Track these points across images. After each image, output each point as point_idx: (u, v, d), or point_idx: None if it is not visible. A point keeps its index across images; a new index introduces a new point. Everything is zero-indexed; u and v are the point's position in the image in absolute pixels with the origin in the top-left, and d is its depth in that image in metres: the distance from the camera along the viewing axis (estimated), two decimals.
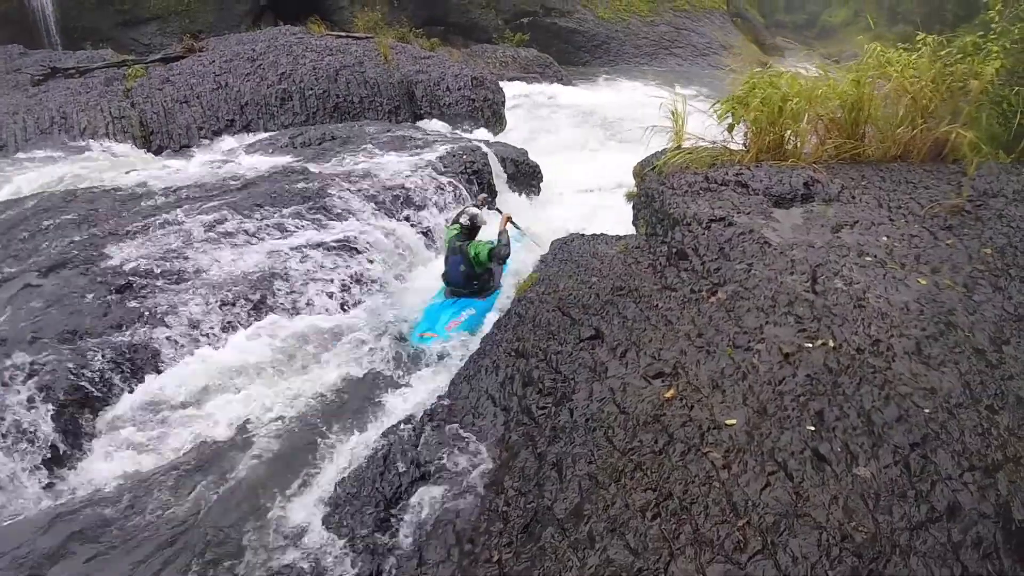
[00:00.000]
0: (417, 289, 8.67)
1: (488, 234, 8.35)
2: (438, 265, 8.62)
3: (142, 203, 9.80)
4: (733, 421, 4.26)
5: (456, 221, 8.16)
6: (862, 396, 4.26)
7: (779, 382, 4.51)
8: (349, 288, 8.11)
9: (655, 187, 8.17)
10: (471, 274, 7.88)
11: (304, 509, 4.80)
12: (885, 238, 6.38)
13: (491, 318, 7.30)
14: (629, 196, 10.69)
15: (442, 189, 10.69)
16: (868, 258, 6.00)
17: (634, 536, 3.65)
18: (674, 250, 6.81)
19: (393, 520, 4.54)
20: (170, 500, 5.01)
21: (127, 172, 12.21)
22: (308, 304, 7.74)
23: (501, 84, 20.31)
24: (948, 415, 4.06)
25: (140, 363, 6.58)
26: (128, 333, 6.78)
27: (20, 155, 13.47)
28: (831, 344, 4.80)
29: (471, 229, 8.00)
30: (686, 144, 9.26)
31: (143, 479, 5.30)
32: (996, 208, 6.73)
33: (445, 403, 5.56)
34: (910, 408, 4.11)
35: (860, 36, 9.67)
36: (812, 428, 4.08)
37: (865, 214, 6.90)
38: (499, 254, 7.74)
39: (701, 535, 3.54)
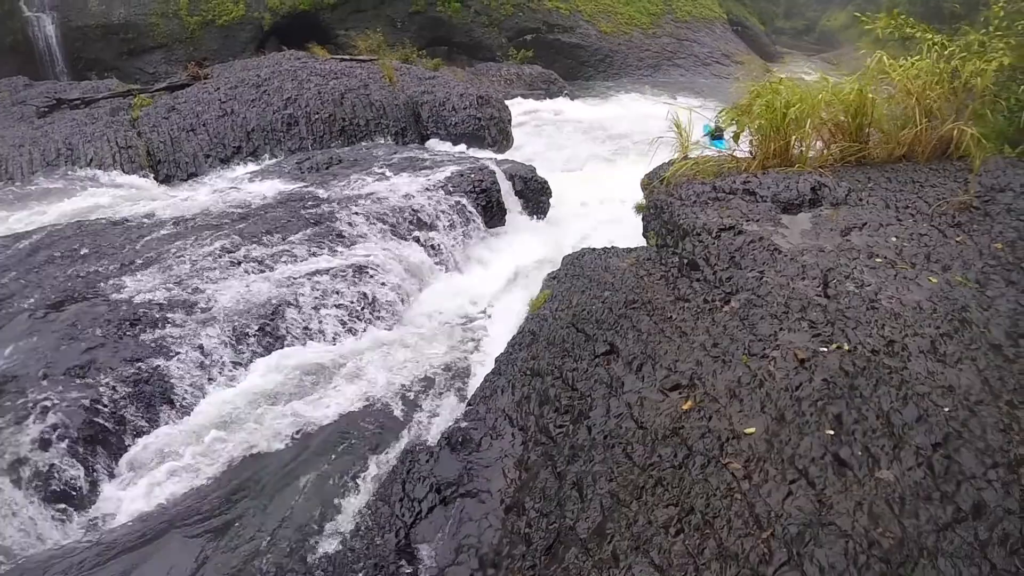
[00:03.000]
0: (427, 310, 8.70)
1: None
2: (448, 284, 9.39)
3: (151, 233, 9.85)
4: (752, 430, 4.23)
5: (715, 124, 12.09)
6: (880, 397, 4.22)
7: (796, 388, 4.47)
8: (360, 313, 8.11)
9: (663, 198, 8.15)
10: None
11: (324, 538, 4.80)
12: (894, 238, 6.34)
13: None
14: (638, 208, 10.66)
15: (451, 209, 10.71)
16: (878, 259, 5.96)
17: (658, 553, 3.63)
18: (685, 261, 6.79)
19: (414, 546, 4.53)
20: (187, 533, 5.02)
21: (135, 202, 12.29)
22: (320, 331, 7.74)
23: (507, 102, 20.35)
24: (969, 413, 4.02)
25: (154, 397, 6.58)
26: (141, 367, 6.78)
27: (27, 188, 13.54)
28: (846, 347, 4.76)
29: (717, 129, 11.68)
30: (692, 154, 9.25)
31: (158, 515, 5.30)
32: (1004, 203, 6.68)
33: (462, 425, 5.54)
34: (929, 408, 4.07)
35: (862, 38, 9.61)
36: (831, 432, 4.04)
37: (873, 216, 6.87)
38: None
39: (726, 549, 3.51)
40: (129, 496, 5.66)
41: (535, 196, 12.71)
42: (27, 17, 25.81)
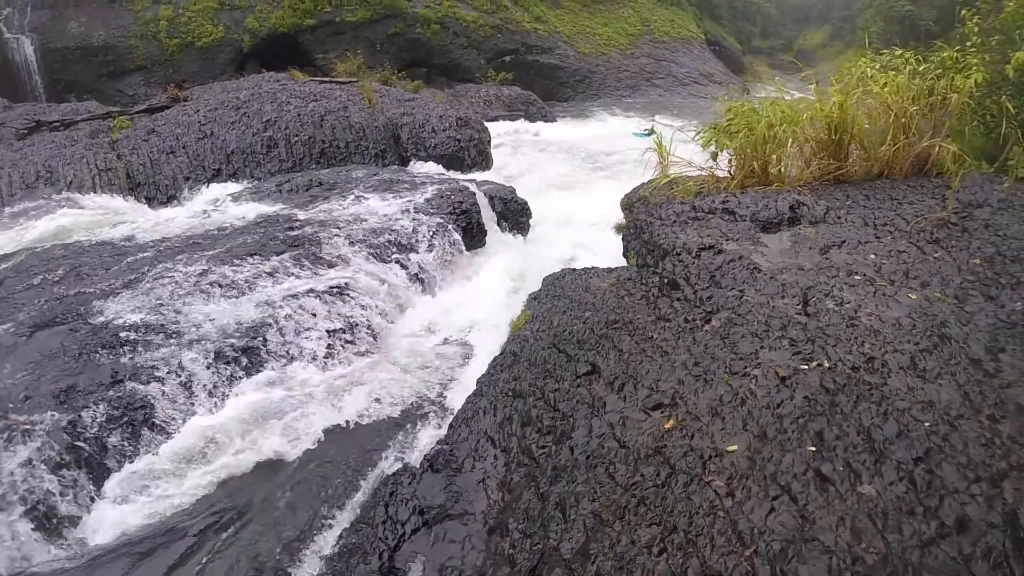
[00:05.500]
0: (408, 332, 8.67)
1: None
2: (429, 305, 9.41)
3: (131, 256, 9.78)
4: (734, 447, 4.22)
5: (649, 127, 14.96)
6: (860, 414, 4.22)
7: (777, 405, 4.48)
8: (342, 335, 8.07)
9: (643, 218, 8.17)
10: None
11: (307, 562, 4.75)
12: (873, 256, 6.38)
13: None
14: (618, 228, 10.69)
15: (432, 231, 10.70)
16: (857, 277, 6.00)
17: (642, 573, 3.61)
18: (666, 280, 6.81)
19: (398, 568, 4.49)
20: (171, 560, 4.95)
21: (115, 225, 12.24)
22: (301, 353, 7.70)
23: (486, 123, 20.42)
24: (949, 427, 4.03)
25: (136, 420, 6.51)
26: (122, 390, 6.71)
27: (6, 210, 13.45)
28: (826, 364, 4.78)
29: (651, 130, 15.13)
30: (672, 171, 9.29)
31: (143, 538, 5.24)
32: (982, 218, 6.74)
33: (444, 448, 5.51)
34: (909, 423, 4.08)
35: (843, 55, 9.68)
36: (813, 449, 4.04)
37: (852, 233, 6.91)
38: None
39: (709, 567, 3.49)
40: (112, 518, 5.61)
41: (515, 217, 12.74)
42: (6, 39, 25.83)
